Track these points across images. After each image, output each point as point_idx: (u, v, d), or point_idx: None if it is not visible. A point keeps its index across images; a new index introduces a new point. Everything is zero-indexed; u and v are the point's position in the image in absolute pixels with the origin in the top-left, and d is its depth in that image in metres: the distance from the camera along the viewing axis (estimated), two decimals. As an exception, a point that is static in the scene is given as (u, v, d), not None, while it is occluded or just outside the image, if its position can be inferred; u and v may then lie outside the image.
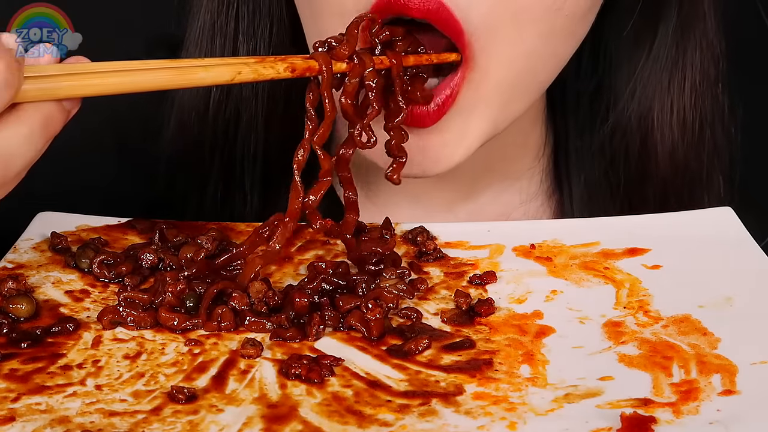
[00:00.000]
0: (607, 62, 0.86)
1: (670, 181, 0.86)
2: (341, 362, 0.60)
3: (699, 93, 0.85)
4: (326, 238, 0.73)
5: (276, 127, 0.84)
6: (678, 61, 0.84)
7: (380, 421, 0.55)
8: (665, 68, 0.84)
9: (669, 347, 0.61)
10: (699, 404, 0.55)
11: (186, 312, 0.64)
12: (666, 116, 0.85)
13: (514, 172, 0.87)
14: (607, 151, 0.86)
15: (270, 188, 0.85)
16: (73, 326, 0.63)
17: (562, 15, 0.71)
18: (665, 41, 0.83)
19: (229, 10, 0.83)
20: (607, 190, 0.87)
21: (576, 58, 0.79)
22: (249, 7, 0.83)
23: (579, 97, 0.87)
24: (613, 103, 0.85)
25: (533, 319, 0.64)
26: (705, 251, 0.70)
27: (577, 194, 0.87)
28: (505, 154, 0.85)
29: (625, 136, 0.85)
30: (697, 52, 0.84)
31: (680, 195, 0.86)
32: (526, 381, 0.58)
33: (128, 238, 0.73)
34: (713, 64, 0.85)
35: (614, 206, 0.86)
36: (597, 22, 0.78)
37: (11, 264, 0.69)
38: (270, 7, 0.83)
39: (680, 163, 0.86)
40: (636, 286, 0.67)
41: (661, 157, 0.85)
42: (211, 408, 0.56)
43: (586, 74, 0.87)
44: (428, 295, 0.67)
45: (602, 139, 0.86)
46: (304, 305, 0.64)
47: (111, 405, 0.56)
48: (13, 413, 0.55)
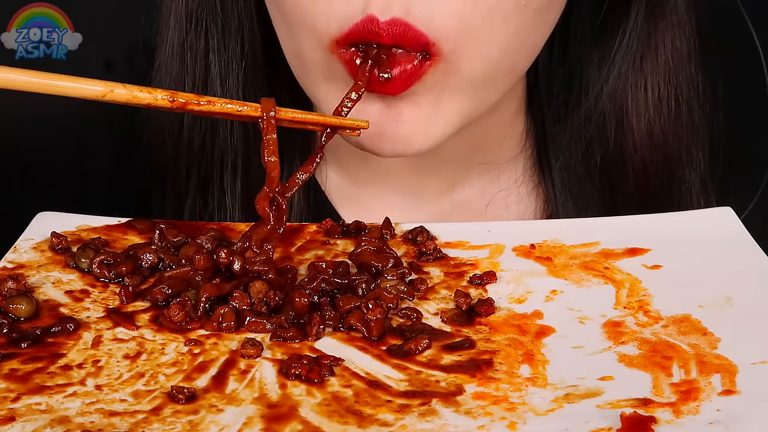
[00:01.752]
0: (578, 47, 0.86)
1: (650, 160, 0.86)
2: (341, 362, 0.60)
3: (672, 70, 0.85)
4: (326, 238, 0.73)
5: (255, 141, 0.83)
6: (649, 39, 0.83)
7: (380, 421, 0.55)
8: (637, 48, 0.83)
9: (669, 347, 0.61)
10: (699, 404, 0.55)
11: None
12: (640, 95, 0.84)
13: (497, 161, 0.87)
14: (584, 134, 0.86)
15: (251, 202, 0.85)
16: (73, 326, 0.63)
17: (530, 9, 0.71)
18: (638, 21, 0.83)
19: (197, 27, 0.82)
20: (587, 174, 0.87)
21: (547, 45, 0.79)
22: (218, 24, 0.82)
23: (552, 83, 0.87)
24: (586, 88, 0.85)
25: (533, 319, 0.64)
26: (705, 251, 0.70)
27: (558, 180, 0.87)
28: (487, 144, 0.85)
29: (600, 118, 0.85)
30: (669, 30, 0.84)
31: (660, 173, 0.86)
32: (526, 381, 0.58)
33: (128, 238, 0.73)
34: (685, 41, 0.85)
35: (595, 189, 0.86)
36: (567, 8, 0.78)
37: (11, 264, 0.69)
38: (240, 23, 0.82)
39: (658, 141, 0.86)
40: (636, 286, 0.67)
41: (638, 136, 0.85)
42: (211, 408, 0.56)
43: (559, 60, 0.87)
44: (428, 295, 0.67)
45: (578, 124, 0.86)
46: (304, 305, 0.64)
47: (111, 405, 0.56)
48: (13, 413, 0.55)
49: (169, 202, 0.85)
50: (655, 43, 0.83)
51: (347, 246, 0.72)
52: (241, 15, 0.82)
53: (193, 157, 0.84)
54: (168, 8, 0.83)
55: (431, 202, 0.85)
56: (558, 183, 0.87)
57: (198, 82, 0.83)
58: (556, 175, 0.87)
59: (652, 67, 0.84)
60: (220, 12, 0.82)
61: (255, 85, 0.83)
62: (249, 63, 0.83)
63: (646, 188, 0.84)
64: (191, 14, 0.82)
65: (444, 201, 0.86)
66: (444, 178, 0.85)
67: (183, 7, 0.82)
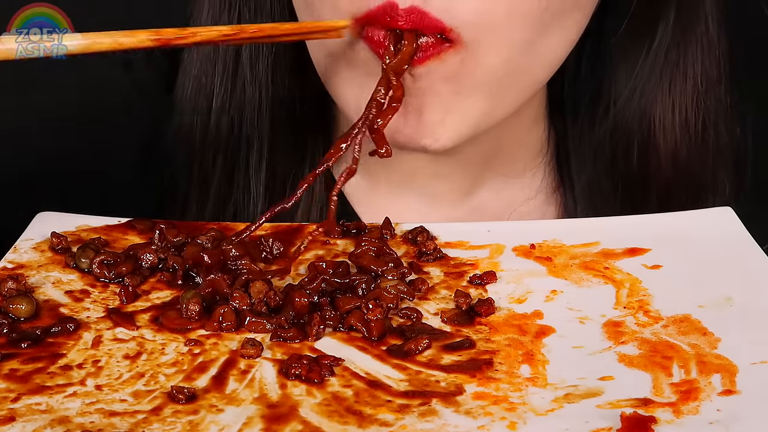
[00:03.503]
0: (607, 62, 0.86)
1: (674, 182, 0.86)
2: (341, 362, 0.60)
3: (701, 93, 0.85)
4: (326, 238, 0.73)
5: (281, 127, 0.84)
6: (679, 60, 0.84)
7: (380, 421, 0.55)
8: (666, 68, 0.84)
9: (669, 347, 0.61)
10: (699, 404, 0.55)
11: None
12: (668, 116, 0.84)
13: (514, 170, 0.87)
14: (607, 150, 0.86)
15: (275, 191, 0.85)
16: (73, 326, 0.63)
17: (550, 12, 0.72)
18: (665, 41, 0.83)
19: (231, 10, 0.83)
20: (609, 190, 0.87)
21: (576, 58, 0.79)
22: (251, 9, 0.83)
23: (579, 97, 0.87)
24: (612, 104, 0.85)
25: (533, 319, 0.64)
26: (705, 251, 0.70)
27: (578, 194, 0.87)
28: (504, 151, 0.85)
29: (624, 136, 0.85)
30: (698, 52, 0.84)
31: (684, 196, 0.86)
32: (526, 381, 0.58)
33: (128, 238, 0.73)
34: (715, 64, 0.85)
35: (617, 206, 0.86)
36: (597, 22, 0.78)
37: (11, 264, 0.69)
38: (271, 8, 0.83)
39: (683, 163, 0.86)
40: (636, 286, 0.67)
41: (663, 157, 0.85)
42: (211, 408, 0.56)
43: (586, 74, 0.87)
44: (428, 295, 0.67)
45: (601, 139, 0.86)
46: (304, 305, 0.64)
47: (111, 405, 0.56)
48: (13, 413, 0.55)
49: (195, 186, 0.86)
50: (684, 66, 0.84)
51: (347, 246, 0.72)
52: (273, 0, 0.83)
53: (220, 139, 0.84)
54: None
55: (448, 206, 0.85)
56: (579, 197, 0.87)
57: (228, 65, 0.84)
58: (577, 189, 0.87)
59: (681, 88, 0.84)
60: None
61: (282, 71, 0.84)
62: (279, 48, 0.83)
63: (669, 209, 0.84)
64: None
65: (461, 205, 0.86)
66: (461, 183, 0.85)
67: None
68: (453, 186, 0.85)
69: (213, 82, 0.84)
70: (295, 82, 0.84)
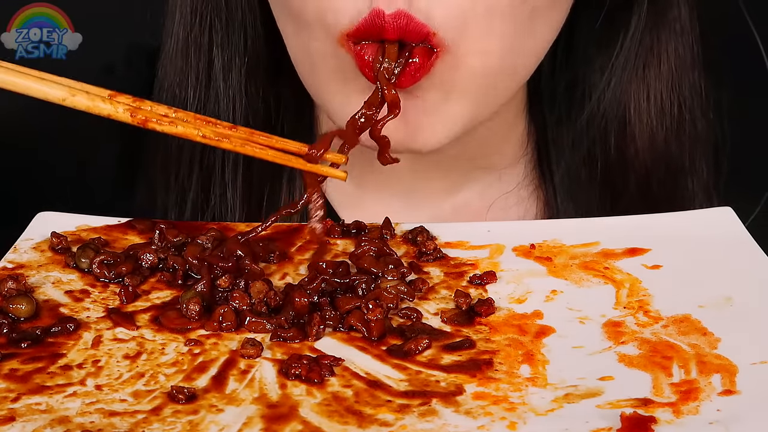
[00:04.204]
0: (581, 53, 0.86)
1: (652, 168, 0.86)
2: (341, 362, 0.60)
3: (675, 78, 0.85)
4: (326, 237, 0.73)
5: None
6: (653, 46, 0.84)
7: (380, 421, 0.55)
8: (639, 55, 0.84)
9: (669, 347, 0.61)
10: (699, 404, 0.55)
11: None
12: (643, 103, 0.85)
13: (498, 164, 0.87)
14: (585, 141, 0.86)
15: (252, 202, 0.85)
16: (73, 326, 0.63)
17: (528, 8, 0.72)
18: (638, 28, 0.83)
19: (202, 22, 0.83)
20: (588, 180, 0.87)
21: (551, 51, 0.79)
22: (222, 20, 0.83)
23: (555, 88, 0.88)
24: (588, 94, 0.86)
25: (533, 319, 0.64)
26: (705, 251, 0.70)
27: (559, 185, 0.87)
28: (488, 146, 0.85)
29: (602, 125, 0.85)
30: (672, 38, 0.84)
31: (663, 181, 0.86)
32: (526, 381, 0.58)
33: (128, 238, 0.73)
34: (689, 49, 0.85)
35: (597, 195, 0.86)
36: (571, 14, 0.78)
37: (11, 264, 0.69)
38: (243, 18, 0.83)
39: (661, 149, 0.86)
40: (636, 286, 0.67)
41: (640, 144, 0.85)
42: (211, 408, 0.56)
43: (562, 66, 0.87)
44: (428, 295, 0.67)
45: (579, 130, 0.86)
46: (304, 305, 0.64)
47: (111, 405, 0.56)
48: (13, 413, 0.55)
49: (173, 196, 0.85)
50: (658, 52, 0.84)
51: (347, 246, 0.72)
52: (245, 10, 0.83)
53: (195, 151, 0.84)
54: (173, 3, 0.84)
55: (432, 205, 0.86)
56: (559, 187, 0.87)
57: (201, 77, 0.84)
58: (557, 180, 0.87)
59: (655, 74, 0.84)
60: (224, 7, 0.82)
61: (257, 81, 0.84)
62: (252, 58, 0.83)
63: (648, 195, 0.84)
64: (196, 9, 0.83)
65: (444, 204, 0.86)
66: (445, 181, 0.85)
67: (188, 2, 0.83)
68: (436, 185, 0.85)
69: (187, 93, 0.84)
70: (269, 91, 0.84)
